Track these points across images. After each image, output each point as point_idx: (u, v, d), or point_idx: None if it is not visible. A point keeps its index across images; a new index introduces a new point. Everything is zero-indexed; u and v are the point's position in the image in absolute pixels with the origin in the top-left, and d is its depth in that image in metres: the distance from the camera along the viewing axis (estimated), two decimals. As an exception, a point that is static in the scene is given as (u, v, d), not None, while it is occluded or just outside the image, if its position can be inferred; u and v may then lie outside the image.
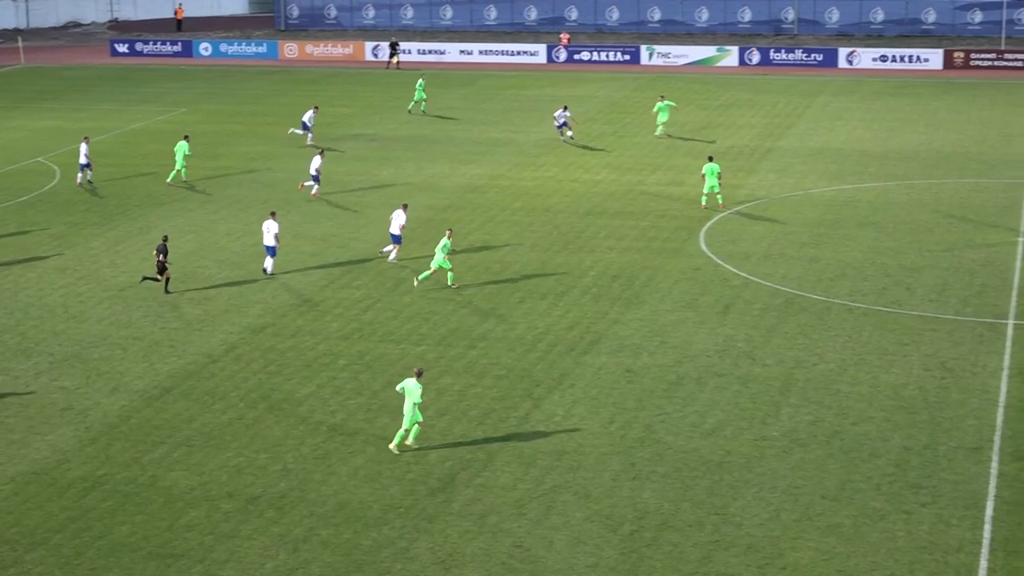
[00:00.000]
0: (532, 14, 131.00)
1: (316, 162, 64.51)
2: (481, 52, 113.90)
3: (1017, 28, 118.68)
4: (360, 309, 48.26)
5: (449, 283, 49.79)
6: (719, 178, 60.04)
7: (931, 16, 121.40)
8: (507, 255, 54.45)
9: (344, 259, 54.19)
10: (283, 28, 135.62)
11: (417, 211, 61.35)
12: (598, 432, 37.37)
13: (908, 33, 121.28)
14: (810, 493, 33.49)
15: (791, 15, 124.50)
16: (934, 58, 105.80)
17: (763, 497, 33.44)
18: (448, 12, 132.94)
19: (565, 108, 77.95)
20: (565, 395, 40.07)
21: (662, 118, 77.92)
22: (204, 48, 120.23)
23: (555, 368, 42.25)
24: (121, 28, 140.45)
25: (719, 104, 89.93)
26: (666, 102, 78.67)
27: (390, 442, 36.58)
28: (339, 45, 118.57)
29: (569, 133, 77.02)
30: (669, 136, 77.45)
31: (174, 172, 68.03)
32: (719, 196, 60.41)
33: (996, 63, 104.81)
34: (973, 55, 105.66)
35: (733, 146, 75.07)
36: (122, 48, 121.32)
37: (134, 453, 36.67)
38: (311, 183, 64.52)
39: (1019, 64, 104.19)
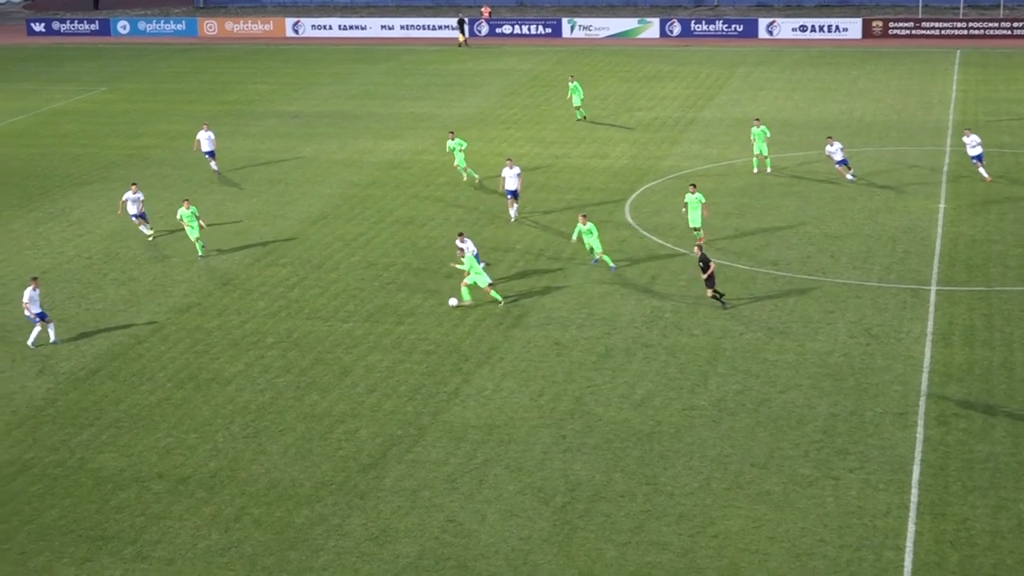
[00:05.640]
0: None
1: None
2: (402, 27, 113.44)
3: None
4: (286, 287, 48.04)
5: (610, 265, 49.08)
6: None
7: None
8: (432, 231, 54.36)
9: (269, 237, 53.90)
10: (202, 5, 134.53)
11: (341, 187, 61.19)
12: (528, 405, 37.46)
13: (827, 3, 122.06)
14: (739, 461, 33.75)
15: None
16: (853, 27, 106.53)
17: (693, 466, 33.67)
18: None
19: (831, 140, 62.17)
20: (494, 369, 40.11)
21: (576, 101, 76.81)
22: (122, 26, 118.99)
23: (484, 342, 42.28)
24: (37, 7, 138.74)
25: (641, 76, 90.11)
26: (575, 83, 77.48)
27: (320, 420, 36.59)
28: (259, 22, 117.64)
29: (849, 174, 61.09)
30: (587, 120, 76.31)
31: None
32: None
33: (914, 32, 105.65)
34: (891, 24, 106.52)
35: (656, 118, 75.26)
36: (39, 27, 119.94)
37: (62, 436, 36.38)
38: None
39: (936, 32, 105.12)
